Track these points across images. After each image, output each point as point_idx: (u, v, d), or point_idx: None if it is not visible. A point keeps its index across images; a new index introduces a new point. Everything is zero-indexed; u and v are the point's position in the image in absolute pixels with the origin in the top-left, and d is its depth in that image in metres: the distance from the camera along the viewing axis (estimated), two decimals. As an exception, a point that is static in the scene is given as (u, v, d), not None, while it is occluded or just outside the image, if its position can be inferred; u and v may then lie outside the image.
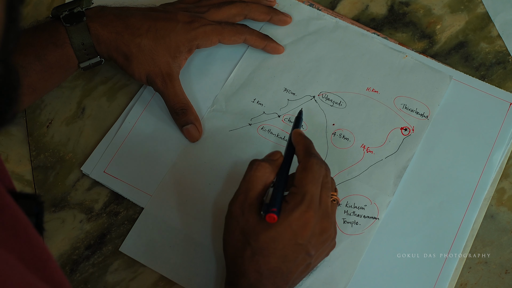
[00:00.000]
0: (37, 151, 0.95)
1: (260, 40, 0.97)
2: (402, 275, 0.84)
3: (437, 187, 0.89)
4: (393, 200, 0.88)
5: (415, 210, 0.88)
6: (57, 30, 0.90)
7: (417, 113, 0.94)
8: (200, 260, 0.87)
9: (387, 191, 0.89)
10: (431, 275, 0.84)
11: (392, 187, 0.89)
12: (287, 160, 0.80)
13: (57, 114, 0.97)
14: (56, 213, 0.91)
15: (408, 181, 0.89)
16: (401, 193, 0.89)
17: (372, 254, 0.86)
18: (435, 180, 0.89)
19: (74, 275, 0.88)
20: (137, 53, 0.91)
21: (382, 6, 1.02)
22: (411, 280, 0.84)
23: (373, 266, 0.85)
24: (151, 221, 0.89)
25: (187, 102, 0.93)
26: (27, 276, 0.48)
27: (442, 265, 0.85)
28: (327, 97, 0.95)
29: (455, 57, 0.98)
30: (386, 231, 0.87)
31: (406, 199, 0.89)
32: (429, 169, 0.90)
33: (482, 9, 1.01)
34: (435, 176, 0.90)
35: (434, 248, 0.85)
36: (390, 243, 0.86)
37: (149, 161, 0.92)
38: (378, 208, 0.88)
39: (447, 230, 0.87)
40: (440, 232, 0.86)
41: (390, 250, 0.86)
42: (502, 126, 0.93)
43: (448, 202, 0.88)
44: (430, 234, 0.86)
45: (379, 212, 0.88)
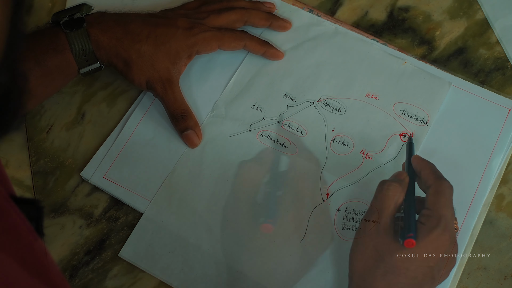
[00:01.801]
0: (37, 157, 0.95)
1: (259, 46, 0.97)
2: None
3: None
4: (392, 205, 0.88)
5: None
6: (57, 36, 0.90)
7: (416, 119, 0.94)
8: (200, 265, 0.87)
9: (386, 197, 0.89)
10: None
11: (392, 193, 0.89)
12: (411, 183, 0.80)
13: (57, 119, 0.97)
14: (55, 218, 0.91)
15: (408, 187, 0.90)
16: (401, 199, 0.89)
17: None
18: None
19: (73, 281, 0.88)
20: (137, 59, 0.92)
21: (382, 12, 1.03)
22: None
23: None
24: (151, 227, 0.89)
25: (187, 108, 0.94)
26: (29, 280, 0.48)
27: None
28: (327, 103, 0.95)
29: (454, 63, 0.98)
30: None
31: (405, 204, 0.89)
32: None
33: (481, 15, 1.02)
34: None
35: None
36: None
37: (149, 167, 0.92)
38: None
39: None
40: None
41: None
42: (501, 132, 0.93)
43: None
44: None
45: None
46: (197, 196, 0.90)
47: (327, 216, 0.88)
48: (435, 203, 0.76)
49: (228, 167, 0.92)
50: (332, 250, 0.87)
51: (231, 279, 0.86)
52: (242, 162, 0.92)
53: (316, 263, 0.86)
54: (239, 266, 0.86)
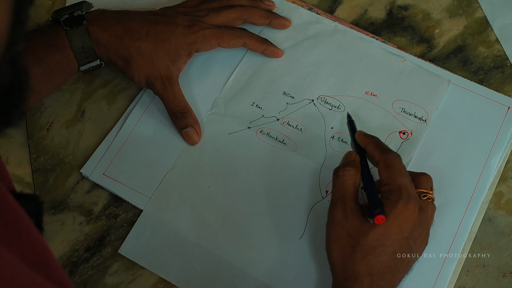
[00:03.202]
0: (37, 154, 0.95)
1: (259, 44, 0.97)
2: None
3: (435, 191, 0.89)
4: (391, 203, 0.88)
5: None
6: (57, 34, 0.91)
7: (415, 117, 0.94)
8: (199, 262, 0.87)
9: (385, 194, 0.89)
10: (430, 276, 0.85)
11: (391, 190, 0.89)
12: (363, 160, 0.81)
13: (57, 117, 0.98)
14: (55, 215, 0.91)
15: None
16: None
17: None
18: (433, 184, 0.89)
19: (73, 277, 0.88)
20: (136, 57, 0.92)
21: (381, 10, 1.03)
22: (410, 281, 0.84)
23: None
24: (150, 224, 0.89)
25: (187, 105, 0.94)
26: (31, 275, 0.49)
27: (441, 267, 0.85)
28: (326, 101, 0.96)
29: (454, 61, 0.99)
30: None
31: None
32: (427, 172, 0.90)
33: (480, 13, 1.02)
34: (433, 180, 0.90)
35: (433, 250, 0.86)
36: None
37: (149, 164, 0.93)
38: (376, 211, 0.88)
39: (445, 234, 0.87)
40: (438, 235, 0.86)
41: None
42: (500, 130, 0.93)
43: (446, 206, 0.88)
44: (429, 238, 0.87)
45: (377, 215, 0.88)
46: (196, 193, 0.91)
47: (327, 213, 0.88)
48: (388, 177, 0.77)
49: (227, 165, 0.92)
50: (331, 247, 0.87)
51: (230, 276, 0.86)
52: (242, 160, 0.92)
53: (315, 260, 0.86)
54: (238, 263, 0.87)
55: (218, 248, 0.87)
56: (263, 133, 0.94)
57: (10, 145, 0.96)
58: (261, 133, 0.94)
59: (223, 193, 0.90)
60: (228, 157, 0.93)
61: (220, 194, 0.90)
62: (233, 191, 0.90)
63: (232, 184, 0.91)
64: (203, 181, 0.91)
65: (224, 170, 0.92)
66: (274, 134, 0.94)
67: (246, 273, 0.86)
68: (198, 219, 0.89)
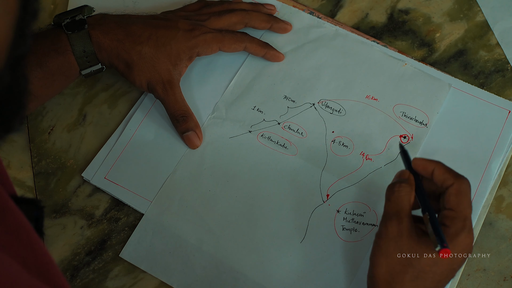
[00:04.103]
0: (38, 158, 0.95)
1: (260, 48, 0.97)
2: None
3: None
4: (392, 207, 0.88)
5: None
6: (58, 38, 0.91)
7: (416, 121, 0.94)
8: (200, 266, 0.87)
9: (386, 198, 0.89)
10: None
11: (391, 194, 0.89)
12: (418, 183, 0.78)
13: (58, 120, 0.98)
14: (57, 219, 0.92)
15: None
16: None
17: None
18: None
19: (74, 281, 0.88)
20: (138, 61, 0.92)
21: (382, 14, 1.03)
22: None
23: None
24: (151, 227, 0.89)
25: (188, 109, 0.94)
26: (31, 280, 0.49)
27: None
28: (327, 105, 0.96)
29: (454, 65, 0.99)
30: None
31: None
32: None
33: (481, 17, 1.02)
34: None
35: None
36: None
37: (150, 168, 0.93)
38: (377, 215, 0.88)
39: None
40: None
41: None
42: (501, 134, 0.93)
43: (447, 209, 0.88)
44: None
45: (378, 219, 0.88)
46: (197, 197, 0.91)
47: (327, 217, 0.89)
48: (458, 204, 0.74)
49: (228, 168, 0.92)
50: (332, 251, 0.87)
51: (232, 280, 0.86)
52: (243, 164, 0.92)
53: (316, 264, 0.86)
54: (239, 266, 0.87)
55: (219, 252, 0.87)
56: (264, 137, 0.94)
57: (11, 149, 0.96)
58: (262, 137, 0.94)
59: (224, 196, 0.90)
60: (229, 161, 0.93)
61: (221, 197, 0.90)
62: (234, 195, 0.90)
63: (233, 187, 0.91)
64: (204, 185, 0.91)
65: (225, 174, 0.92)
66: (275, 138, 0.94)
67: (247, 277, 0.86)
68: (199, 223, 0.89)
